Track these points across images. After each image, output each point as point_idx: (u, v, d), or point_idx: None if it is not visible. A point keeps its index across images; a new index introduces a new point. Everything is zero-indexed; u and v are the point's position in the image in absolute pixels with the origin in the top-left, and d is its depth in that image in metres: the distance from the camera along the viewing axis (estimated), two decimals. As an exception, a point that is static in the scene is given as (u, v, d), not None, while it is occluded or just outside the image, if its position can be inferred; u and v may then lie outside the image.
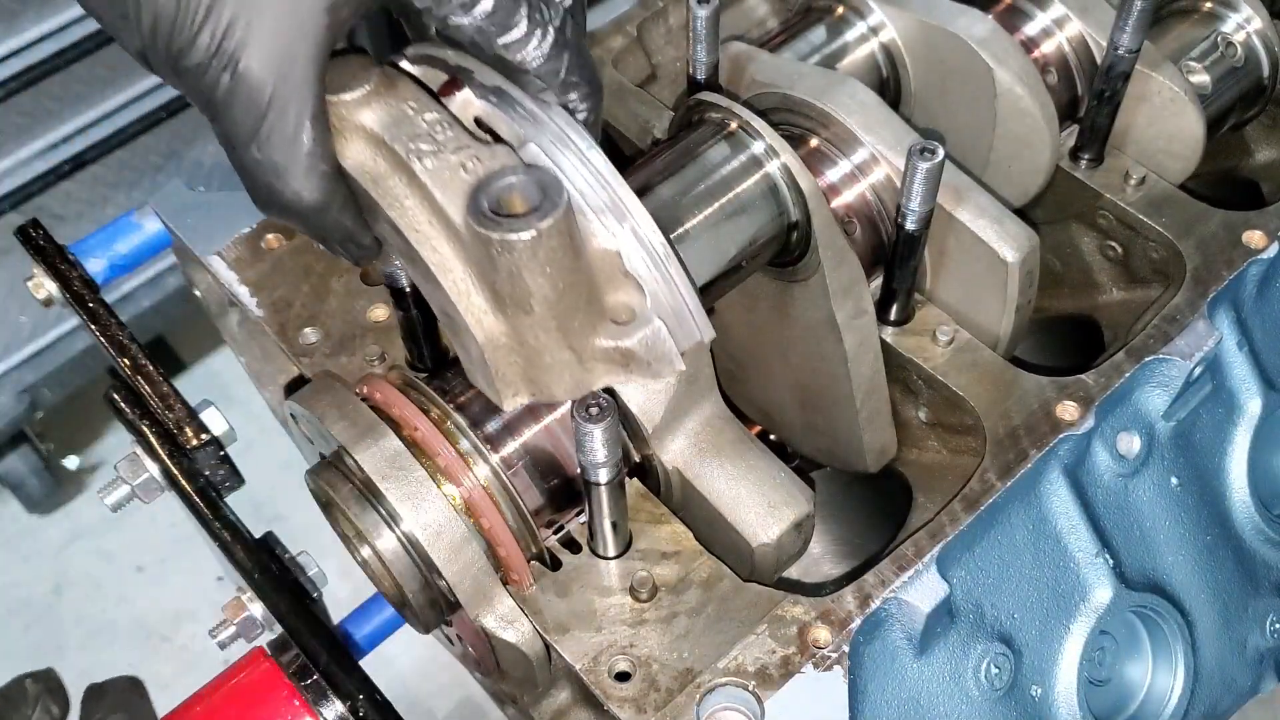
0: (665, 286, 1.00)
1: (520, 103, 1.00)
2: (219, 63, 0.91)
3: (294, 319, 1.29)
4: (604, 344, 0.98)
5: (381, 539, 1.06)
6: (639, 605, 1.07)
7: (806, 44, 1.34)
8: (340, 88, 0.97)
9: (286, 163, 0.94)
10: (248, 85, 0.91)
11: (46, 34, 2.51)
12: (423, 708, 2.79)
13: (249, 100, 0.92)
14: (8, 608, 2.99)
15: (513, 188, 0.93)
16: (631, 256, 0.99)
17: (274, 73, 0.91)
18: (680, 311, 1.02)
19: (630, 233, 0.99)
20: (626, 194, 1.00)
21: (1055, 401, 1.16)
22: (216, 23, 0.90)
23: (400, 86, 1.00)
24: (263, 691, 1.08)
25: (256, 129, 0.93)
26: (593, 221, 0.98)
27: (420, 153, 0.96)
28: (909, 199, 1.11)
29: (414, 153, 0.96)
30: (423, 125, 0.98)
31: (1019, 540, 1.16)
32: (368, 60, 1.00)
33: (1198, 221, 1.28)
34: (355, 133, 0.98)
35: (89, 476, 3.14)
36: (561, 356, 0.97)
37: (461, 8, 0.95)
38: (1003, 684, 1.15)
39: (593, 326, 0.98)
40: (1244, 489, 1.31)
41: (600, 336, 0.98)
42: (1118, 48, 1.23)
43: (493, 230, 0.89)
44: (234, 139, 0.94)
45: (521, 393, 1.01)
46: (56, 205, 2.71)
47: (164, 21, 0.90)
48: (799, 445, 1.43)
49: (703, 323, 1.03)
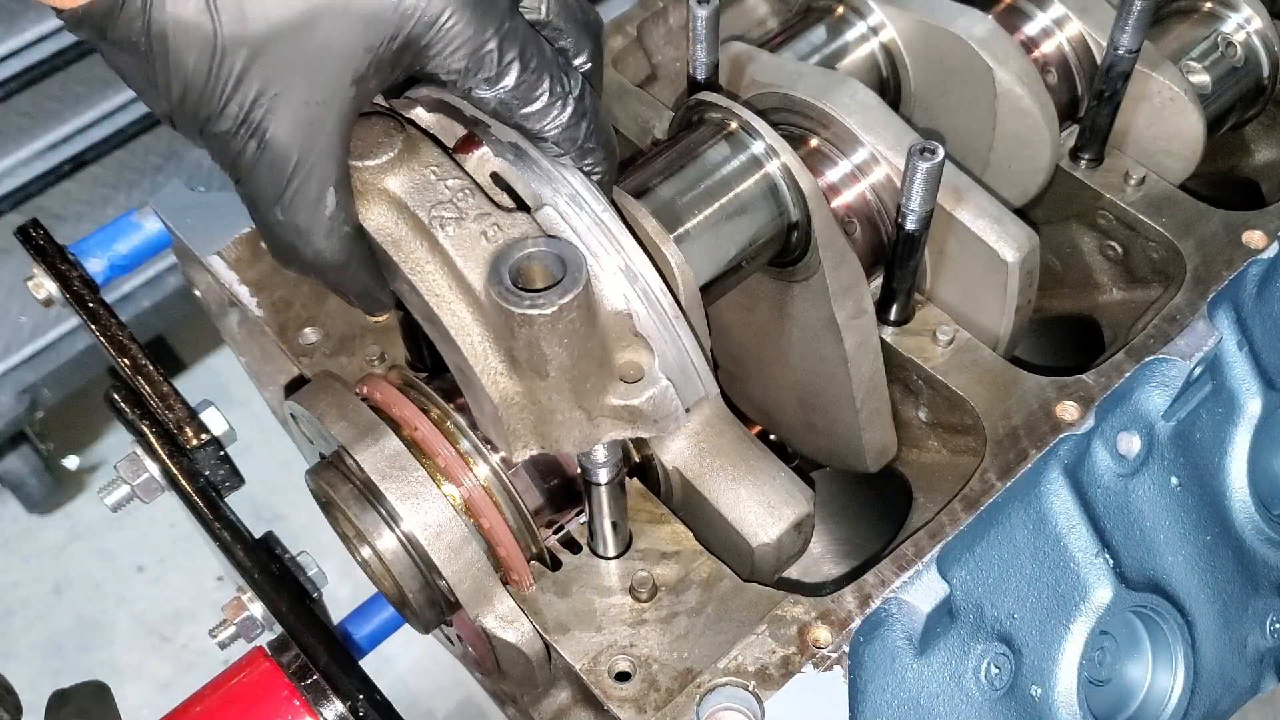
0: (673, 346, 1.03)
1: (537, 163, 1.02)
2: (246, 131, 0.92)
3: (294, 319, 1.29)
4: (613, 402, 1.00)
5: (381, 539, 1.06)
6: (639, 605, 1.07)
7: (806, 44, 1.34)
8: (365, 153, 0.99)
9: (309, 225, 0.96)
10: (273, 153, 0.93)
11: (46, 34, 2.51)
12: (423, 708, 2.79)
13: (274, 167, 0.93)
14: (8, 608, 2.99)
15: (533, 259, 0.94)
16: (642, 317, 1.01)
17: (299, 142, 0.93)
18: (687, 370, 1.05)
19: (641, 295, 1.01)
20: (639, 257, 1.02)
21: (1055, 401, 1.16)
22: (245, 94, 0.91)
23: (423, 150, 1.01)
24: (263, 691, 1.08)
25: (280, 194, 0.94)
26: (606, 284, 1.00)
27: (443, 220, 0.98)
28: (909, 199, 1.11)
29: (436, 219, 0.98)
30: (445, 192, 0.99)
31: (1019, 540, 1.16)
32: (393, 125, 1.01)
33: (1198, 221, 1.28)
34: (378, 196, 1.00)
35: (89, 476, 3.14)
36: (572, 415, 0.99)
37: (486, 82, 0.96)
38: (1003, 684, 1.14)
39: (603, 386, 1.00)
40: (1244, 489, 1.31)
41: (610, 395, 1.00)
42: (1118, 48, 1.23)
43: (514, 304, 0.91)
44: (258, 201, 0.95)
45: (531, 445, 1.02)
46: (56, 205, 2.71)
47: (193, 91, 0.91)
48: (799, 445, 1.43)
49: (708, 380, 1.07)
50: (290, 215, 0.95)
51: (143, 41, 0.90)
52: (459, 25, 0.93)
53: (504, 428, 1.00)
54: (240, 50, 0.90)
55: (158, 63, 0.91)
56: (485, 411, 1.02)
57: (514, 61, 0.95)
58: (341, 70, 0.92)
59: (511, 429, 1.00)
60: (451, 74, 0.95)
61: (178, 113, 0.94)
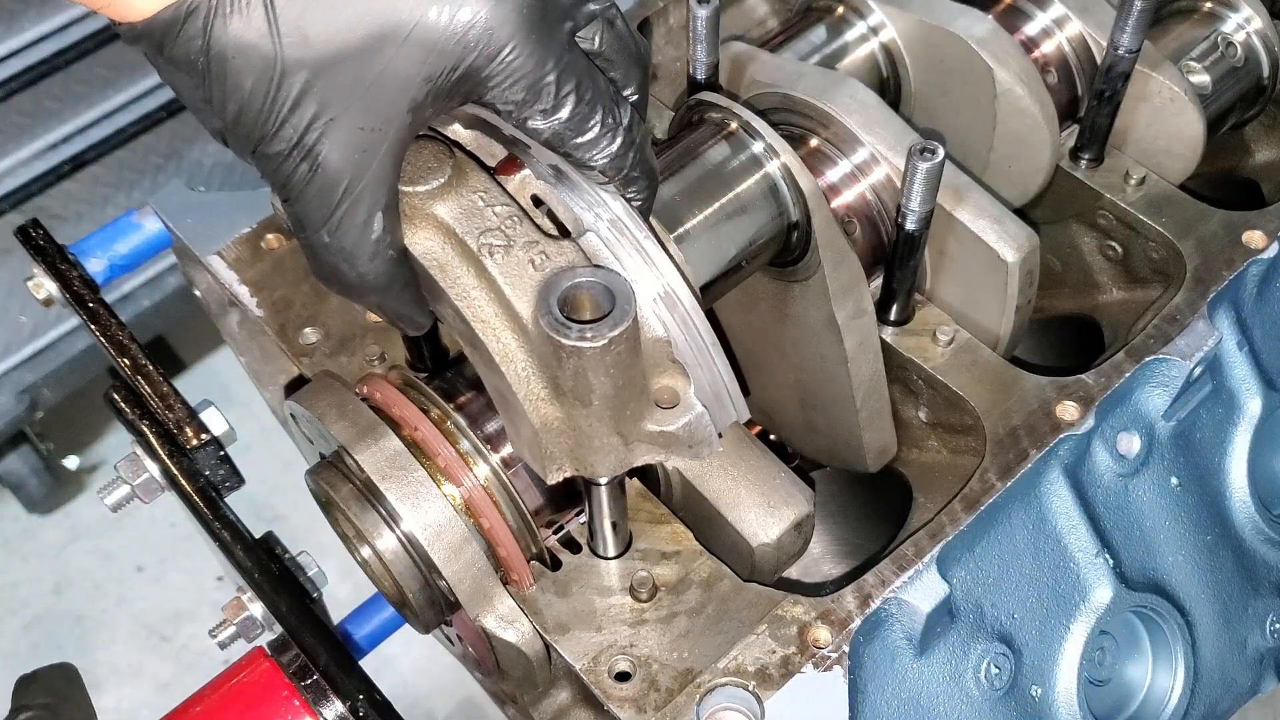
0: (708, 372, 1.03)
1: (578, 186, 1.02)
2: (299, 154, 0.91)
3: (294, 319, 1.28)
4: (650, 428, 1.00)
5: (381, 539, 1.06)
6: (639, 605, 1.07)
7: (807, 44, 1.34)
8: (415, 179, 0.98)
9: (354, 249, 0.95)
10: (324, 176, 0.92)
11: (46, 34, 2.51)
12: (423, 708, 2.79)
13: (324, 190, 0.92)
14: (8, 608, 2.99)
15: (581, 289, 0.93)
16: (680, 344, 1.01)
17: (352, 166, 0.92)
18: (721, 395, 1.05)
19: (680, 322, 1.01)
20: (678, 283, 1.02)
21: (1055, 401, 1.16)
22: (301, 118, 0.90)
23: (471, 176, 1.01)
24: (262, 692, 1.08)
25: (329, 216, 0.94)
26: (647, 313, 1.00)
27: (491, 247, 0.98)
28: (909, 199, 1.11)
29: (485, 247, 0.98)
30: (493, 219, 0.99)
31: (1019, 540, 1.16)
32: (442, 150, 1.01)
33: (1198, 221, 1.28)
34: (426, 221, 0.99)
35: (89, 476, 3.14)
36: (610, 441, 0.99)
37: (542, 114, 0.95)
38: (1003, 684, 1.14)
39: (641, 413, 1.00)
40: (1244, 489, 1.31)
41: (647, 421, 1.00)
42: (1118, 48, 1.23)
43: (564, 335, 0.90)
44: (305, 223, 0.95)
45: (566, 468, 1.02)
46: (56, 205, 2.71)
47: (249, 113, 0.90)
48: (799, 445, 1.43)
49: (740, 405, 1.06)
50: (337, 238, 0.95)
51: (201, 61, 0.89)
52: (520, 59, 0.92)
53: (542, 452, 1.00)
54: (300, 73, 0.89)
55: (214, 83, 0.90)
56: (523, 435, 1.02)
57: (570, 94, 0.95)
58: (399, 98, 0.91)
59: (549, 453, 1.00)
60: (508, 105, 0.94)
61: (231, 132, 0.93)
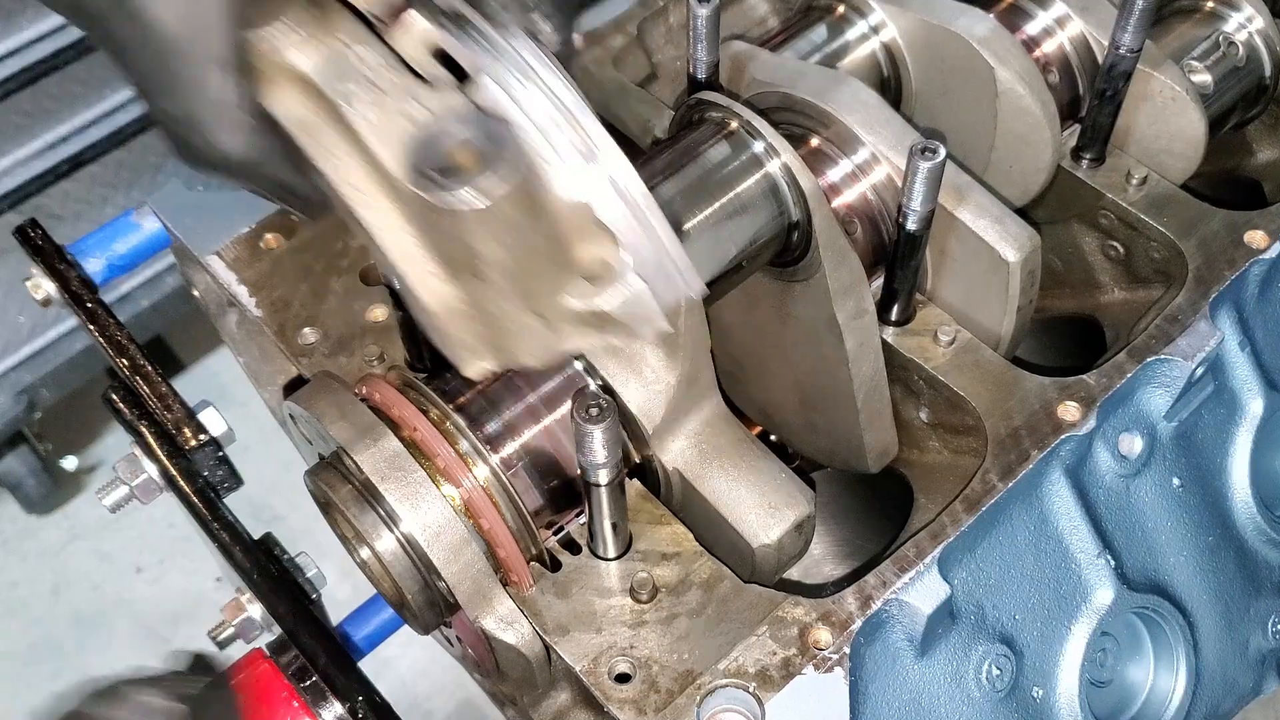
0: (647, 239, 0.89)
1: (481, 31, 0.87)
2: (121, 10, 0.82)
3: (293, 319, 1.28)
4: (575, 305, 0.89)
5: (381, 540, 1.05)
6: (639, 606, 1.06)
7: (807, 43, 1.33)
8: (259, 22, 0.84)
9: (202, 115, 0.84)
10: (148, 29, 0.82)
11: (45, 34, 2.51)
12: (422, 709, 2.79)
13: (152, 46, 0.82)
14: (7, 608, 2.99)
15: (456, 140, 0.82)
16: (604, 205, 0.87)
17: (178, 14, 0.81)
18: (663, 265, 0.91)
19: (601, 178, 0.87)
20: (598, 131, 0.87)
21: (1057, 402, 1.16)
22: None
23: (333, 18, 0.87)
24: (261, 693, 1.08)
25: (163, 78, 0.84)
26: (557, 166, 0.85)
27: (356, 97, 0.84)
28: (910, 199, 1.11)
29: (350, 97, 0.84)
30: (359, 66, 0.85)
31: (1020, 541, 1.16)
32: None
33: (1199, 221, 1.28)
34: (283, 75, 0.86)
35: (87, 477, 3.14)
36: (525, 322, 0.88)
37: None
38: (1004, 685, 1.14)
39: (560, 287, 0.88)
40: (1246, 490, 1.31)
41: (570, 298, 0.89)
42: (1119, 47, 1.22)
43: (434, 193, 0.80)
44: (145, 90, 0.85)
45: (486, 358, 0.92)
46: (55, 205, 2.70)
47: None
48: (799, 446, 1.42)
49: (689, 276, 0.92)
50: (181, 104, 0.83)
51: None
52: None
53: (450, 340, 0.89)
54: None
55: None
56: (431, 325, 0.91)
57: None
58: None
59: (459, 340, 0.89)
60: None
61: None
